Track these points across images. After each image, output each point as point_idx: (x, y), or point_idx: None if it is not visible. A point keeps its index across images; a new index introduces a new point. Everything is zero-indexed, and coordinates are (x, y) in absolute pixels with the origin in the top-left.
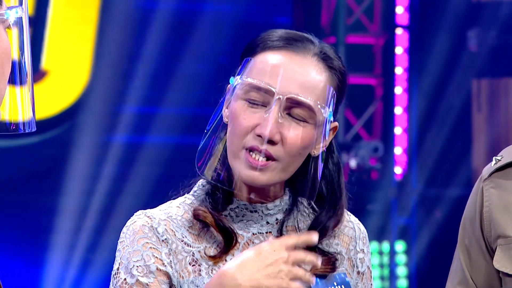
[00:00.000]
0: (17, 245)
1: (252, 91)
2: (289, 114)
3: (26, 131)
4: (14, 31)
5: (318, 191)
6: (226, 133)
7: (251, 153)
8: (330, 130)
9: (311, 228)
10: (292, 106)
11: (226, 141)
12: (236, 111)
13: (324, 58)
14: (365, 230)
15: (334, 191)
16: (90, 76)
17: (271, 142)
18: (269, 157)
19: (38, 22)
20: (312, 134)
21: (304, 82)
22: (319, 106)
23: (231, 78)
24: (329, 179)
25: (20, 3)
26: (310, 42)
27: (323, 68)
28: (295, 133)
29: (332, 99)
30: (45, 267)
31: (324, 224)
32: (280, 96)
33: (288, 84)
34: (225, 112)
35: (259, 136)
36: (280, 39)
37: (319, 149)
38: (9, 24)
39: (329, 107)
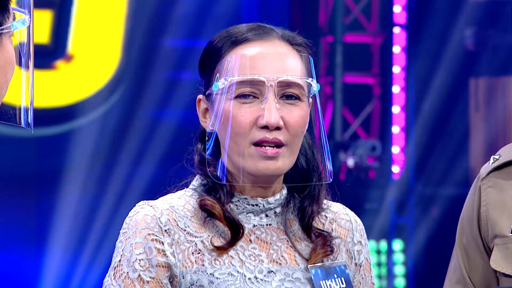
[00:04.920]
0: (16, 239)
1: (242, 87)
2: (282, 98)
3: (23, 125)
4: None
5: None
6: (216, 136)
7: (261, 146)
8: None
9: (300, 210)
10: (283, 90)
11: (221, 143)
12: (230, 112)
13: (289, 39)
14: (361, 223)
15: (311, 166)
16: (118, 63)
17: (277, 129)
18: (278, 144)
19: (64, 5)
20: (307, 111)
21: (285, 64)
22: (307, 80)
23: (214, 84)
24: (304, 154)
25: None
26: (271, 29)
27: (291, 47)
28: (294, 114)
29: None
30: (45, 262)
31: (311, 204)
32: (271, 83)
33: (273, 70)
34: (205, 122)
35: (264, 127)
36: (245, 32)
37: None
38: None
39: (314, 79)
